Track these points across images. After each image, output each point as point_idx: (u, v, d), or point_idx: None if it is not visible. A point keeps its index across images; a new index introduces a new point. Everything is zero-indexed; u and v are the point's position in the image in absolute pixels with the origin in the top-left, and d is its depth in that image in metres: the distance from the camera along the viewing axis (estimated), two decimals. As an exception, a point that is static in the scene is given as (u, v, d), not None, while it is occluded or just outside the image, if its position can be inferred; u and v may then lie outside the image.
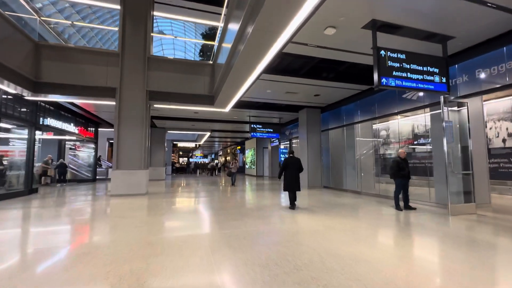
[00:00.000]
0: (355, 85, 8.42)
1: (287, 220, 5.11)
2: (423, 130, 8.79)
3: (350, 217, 5.43)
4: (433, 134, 7.06)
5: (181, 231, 4.32)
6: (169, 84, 9.71)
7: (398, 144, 9.26)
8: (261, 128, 13.73)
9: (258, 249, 3.36)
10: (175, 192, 10.25)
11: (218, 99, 9.88)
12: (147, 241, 3.72)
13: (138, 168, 8.96)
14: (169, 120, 14.83)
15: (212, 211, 6.14)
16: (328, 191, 10.26)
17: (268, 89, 8.92)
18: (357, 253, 3.18)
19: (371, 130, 9.87)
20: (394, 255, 3.18)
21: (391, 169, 6.38)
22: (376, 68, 4.66)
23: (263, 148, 22.36)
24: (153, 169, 17.19)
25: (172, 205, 7.05)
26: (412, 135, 9.55)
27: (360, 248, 3.36)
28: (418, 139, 9.36)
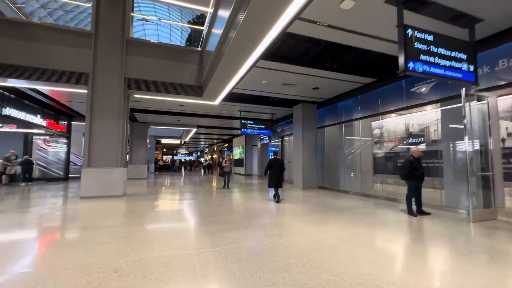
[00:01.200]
0: (359, 77, 7.72)
1: (292, 230, 4.27)
2: (430, 127, 8.25)
3: (362, 224, 4.68)
4: (444, 131, 6.48)
5: (163, 248, 3.36)
6: (152, 71, 8.58)
7: (396, 142, 8.69)
8: (252, 124, 12.83)
9: (269, 278, 2.48)
10: (157, 194, 9.15)
11: (207, 90, 8.89)
12: (114, 266, 2.74)
13: (114, 166, 7.80)
14: (151, 114, 13.58)
15: (201, 218, 5.18)
16: (325, 192, 9.57)
17: (263, 80, 8.04)
18: (405, 284, 2.39)
19: (371, 128, 9.26)
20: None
21: (403, 169, 5.71)
22: (403, 49, 3.90)
23: (252, 146, 21.47)
24: (133, 167, 15.89)
25: (153, 211, 6.01)
26: (416, 133, 9.03)
27: (403, 275, 2.58)
28: (418, 138, 8.85)
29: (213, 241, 3.64)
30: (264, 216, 5.39)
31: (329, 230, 4.27)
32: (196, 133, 22.24)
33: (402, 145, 8.17)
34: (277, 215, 5.51)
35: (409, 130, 8.07)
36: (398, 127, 8.98)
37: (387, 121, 8.60)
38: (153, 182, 13.75)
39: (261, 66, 6.88)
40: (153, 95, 9.10)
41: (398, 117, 8.51)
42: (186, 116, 13.95)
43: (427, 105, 6.81)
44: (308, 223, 4.75)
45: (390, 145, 8.67)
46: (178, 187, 11.53)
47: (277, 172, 7.27)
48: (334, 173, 10.59)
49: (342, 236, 3.94)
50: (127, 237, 3.80)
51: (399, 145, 8.17)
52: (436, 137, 7.04)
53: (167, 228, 4.42)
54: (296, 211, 5.90)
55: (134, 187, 10.94)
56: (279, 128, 14.99)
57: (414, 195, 5.62)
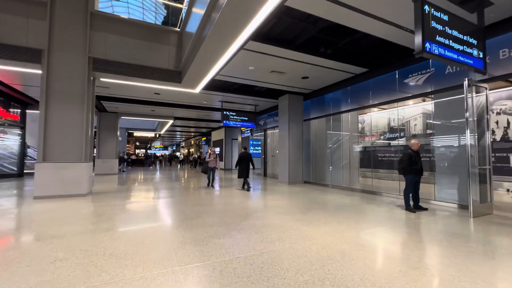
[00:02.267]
0: (351, 66, 7.31)
1: (292, 233, 3.71)
2: (416, 121, 8.15)
3: (365, 224, 4.27)
4: (437, 125, 6.31)
5: (138, 265, 2.62)
6: (122, 51, 7.48)
7: (379, 136, 8.54)
8: (234, 116, 12.08)
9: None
10: (129, 192, 8.14)
11: (187, 76, 8.00)
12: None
13: (76, 160, 6.69)
14: (122, 103, 12.24)
15: (183, 221, 4.44)
16: (312, 187, 9.20)
17: (251, 66, 7.34)
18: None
19: (357, 121, 9.04)
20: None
21: (401, 163, 5.41)
22: (420, 27, 3.44)
23: (232, 140, 20.73)
24: (102, 162, 14.43)
25: (124, 213, 5.14)
26: (411, 126, 8.92)
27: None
28: (402, 132, 8.75)
29: (201, 252, 2.96)
30: (255, 216, 4.78)
31: (333, 232, 3.78)
32: (173, 126, 20.95)
33: (386, 140, 8.03)
34: (270, 214, 4.93)
35: (395, 124, 7.91)
36: (384, 120, 8.82)
37: (375, 115, 8.40)
38: (125, 178, 12.52)
39: (249, 49, 6.17)
40: (123, 79, 7.98)
41: (385, 111, 8.32)
42: (162, 106, 12.81)
43: (420, 97, 6.59)
44: (307, 224, 4.23)
45: (376, 139, 8.51)
46: (153, 183, 10.51)
47: (245, 164, 8.33)
48: (320, 167, 10.27)
49: (350, 240, 3.46)
50: (90, 251, 2.98)
51: (385, 139, 8.02)
52: (419, 131, 6.94)
53: (142, 235, 3.64)
54: (289, 209, 5.38)
55: (103, 184, 9.76)
56: (262, 120, 14.40)
57: (412, 190, 5.35)
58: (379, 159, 8.01)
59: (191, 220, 4.44)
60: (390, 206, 5.77)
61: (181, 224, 4.19)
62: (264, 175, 14.05)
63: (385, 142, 8.11)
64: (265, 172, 14.07)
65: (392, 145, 7.74)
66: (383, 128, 8.66)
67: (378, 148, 8.11)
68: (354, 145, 8.98)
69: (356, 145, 9.03)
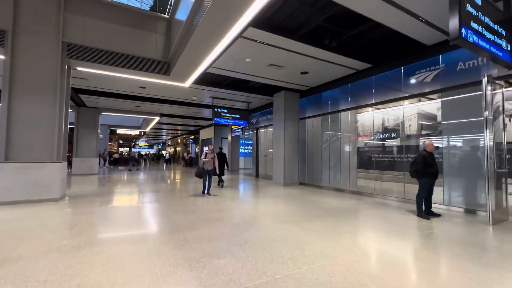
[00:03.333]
0: (355, 61, 6.86)
1: (306, 248, 3.14)
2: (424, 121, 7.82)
3: (381, 233, 3.77)
4: (445, 125, 5.95)
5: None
6: (103, 38, 6.64)
7: (381, 136, 8.18)
8: (226, 113, 11.39)
9: None
10: (110, 195, 7.30)
11: (176, 68, 7.28)
12: None
13: (46, 159, 5.82)
14: (104, 97, 11.24)
15: (173, 234, 3.77)
16: (308, 190, 8.71)
17: (247, 57, 6.71)
18: None
19: (355, 120, 8.63)
20: None
21: (414, 165, 4.98)
22: (457, 9, 2.97)
23: (222, 138, 19.98)
24: (80, 161, 13.32)
25: (102, 223, 4.38)
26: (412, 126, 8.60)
27: None
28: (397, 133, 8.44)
29: (199, 280, 2.32)
30: (257, 225, 4.17)
31: (352, 247, 3.25)
32: (159, 123, 19.90)
33: (387, 140, 7.67)
34: (273, 223, 4.34)
35: (396, 123, 7.55)
36: (383, 120, 8.46)
37: (374, 114, 8.01)
38: (107, 179, 11.52)
39: (248, 37, 5.54)
40: (104, 69, 7.13)
41: (386, 110, 7.95)
42: (147, 101, 11.90)
43: (428, 95, 6.22)
44: (319, 235, 3.67)
45: (375, 139, 8.13)
46: (137, 185, 9.65)
47: (221, 162, 8.94)
48: (316, 168, 9.81)
49: (375, 257, 2.94)
50: (50, 282, 2.26)
51: (386, 139, 7.66)
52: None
53: (122, 255, 2.94)
54: (293, 217, 4.81)
55: (81, 186, 8.81)
56: (254, 119, 13.79)
57: (426, 195, 4.93)
58: (380, 160, 7.64)
59: (183, 231, 3.77)
60: (400, 212, 5.34)
61: (171, 237, 3.51)
62: (256, 175, 13.47)
63: (387, 142, 7.78)
64: (257, 173, 13.49)
65: (394, 145, 7.38)
66: (383, 128, 8.32)
67: (378, 149, 7.75)
68: (352, 146, 8.56)
69: (354, 145, 8.61)
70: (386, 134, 7.73)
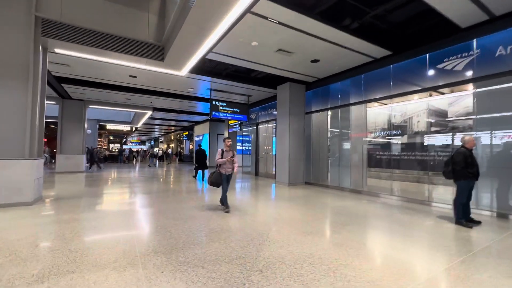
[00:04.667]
0: (374, 47, 6.11)
1: (348, 273, 2.37)
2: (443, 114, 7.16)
3: (429, 250, 3.05)
4: (480, 118, 5.28)
5: None
6: (86, 14, 5.68)
7: (396, 131, 7.50)
8: (225, 107, 10.54)
9: None
10: (95, 198, 6.40)
11: (171, 53, 6.39)
12: None
13: (16, 156, 4.88)
14: (90, 88, 10.22)
15: (169, 253, 2.94)
16: (316, 190, 7.98)
17: (254, 40, 5.87)
18: None
19: (365, 115, 7.92)
20: None
21: (449, 164, 4.29)
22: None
23: (218, 135, 19.12)
24: (65, 158, 12.26)
25: (76, 238, 3.51)
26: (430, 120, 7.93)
27: None
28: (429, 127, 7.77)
29: None
30: (274, 239, 3.39)
31: (403, 271, 2.50)
32: (151, 118, 18.84)
33: (406, 136, 7.03)
34: (292, 234, 3.56)
35: (418, 118, 6.87)
36: (402, 114, 7.78)
37: (391, 107, 7.28)
38: (94, 178, 10.54)
39: (258, 13, 4.72)
40: (88, 52, 6.17)
41: (404, 103, 7.26)
42: (139, 93, 10.91)
43: (459, 85, 5.52)
44: (356, 253, 2.91)
45: (391, 136, 7.47)
46: (128, 185, 8.72)
47: (200, 159, 10.03)
48: (322, 167, 9.10)
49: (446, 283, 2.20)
50: None
51: (405, 135, 7.00)
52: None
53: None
54: (314, 225, 4.05)
55: (63, 186, 7.85)
56: (253, 114, 12.96)
57: (465, 199, 4.24)
58: (396, 159, 6.96)
59: (183, 249, 2.96)
60: (432, 218, 4.65)
61: (168, 259, 2.69)
62: (256, 174, 12.68)
63: (406, 139, 7.15)
64: (257, 171, 12.71)
65: (414, 142, 6.72)
66: (401, 123, 7.66)
67: (395, 147, 7.08)
68: (364, 143, 7.84)
69: (365, 142, 7.90)
70: (402, 131, 7.04)
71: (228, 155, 4.94)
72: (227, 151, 4.97)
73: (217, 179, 4.88)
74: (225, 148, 4.99)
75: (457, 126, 5.84)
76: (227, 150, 4.98)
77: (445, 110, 6.09)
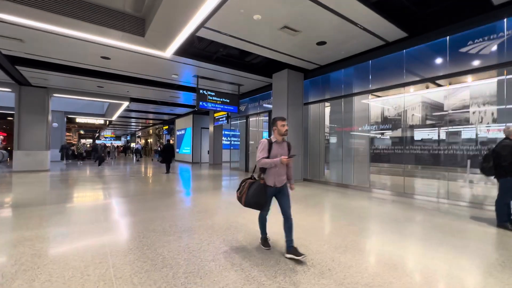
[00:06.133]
0: (391, 27, 5.39)
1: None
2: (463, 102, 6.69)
3: (496, 267, 2.39)
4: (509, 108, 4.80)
5: None
6: (39, -32, 4.38)
7: (406, 122, 6.98)
8: (214, 97, 9.47)
9: None
10: (56, 206, 5.19)
11: (154, 27, 5.29)
12: None
13: None
14: (53, 72, 8.66)
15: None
16: (318, 187, 7.29)
17: (257, 13, 4.92)
18: None
19: (368, 106, 7.32)
20: None
21: (489, 159, 3.71)
22: None
23: (202, 128, 17.91)
24: (24, 154, 10.57)
25: (29, 274, 2.44)
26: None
27: None
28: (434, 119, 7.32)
29: None
30: (313, 263, 2.55)
31: None
32: (127, 110, 17.15)
33: (421, 129, 6.50)
34: (330, 255, 2.75)
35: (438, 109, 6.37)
36: (416, 106, 7.26)
37: (401, 97, 6.69)
38: (59, 177, 9.06)
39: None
40: (44, 20, 4.86)
41: (420, 92, 6.72)
42: (113, 79, 9.52)
43: (487, 70, 4.98)
44: (425, 283, 2.16)
45: (402, 128, 6.93)
46: (102, 182, 7.46)
47: (167, 154, 11.12)
48: (322, 162, 8.44)
49: None
50: None
51: (419, 128, 6.49)
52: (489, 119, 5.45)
53: None
54: (347, 237, 3.27)
55: (16, 189, 6.45)
56: (243, 106, 12.00)
57: (511, 199, 3.68)
58: (408, 154, 6.43)
59: (185, 284, 2.02)
60: (467, 220, 4.07)
61: None
62: (246, 170, 11.80)
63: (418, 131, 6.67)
64: (247, 167, 11.82)
65: (429, 136, 6.24)
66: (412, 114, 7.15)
67: (408, 140, 6.57)
68: (365, 135, 7.24)
69: (367, 134, 7.30)
70: (396, 124, 6.51)
71: (282, 150, 2.73)
72: (279, 143, 2.74)
73: (259, 196, 2.61)
74: (277, 137, 2.73)
75: (481, 117, 5.36)
76: (279, 142, 2.75)
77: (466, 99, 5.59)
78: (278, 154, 2.68)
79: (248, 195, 2.67)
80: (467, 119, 6.12)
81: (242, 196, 2.73)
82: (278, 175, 2.69)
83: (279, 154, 2.69)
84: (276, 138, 2.74)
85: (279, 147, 2.73)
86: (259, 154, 2.68)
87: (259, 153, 2.69)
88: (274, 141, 2.73)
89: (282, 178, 2.73)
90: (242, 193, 2.73)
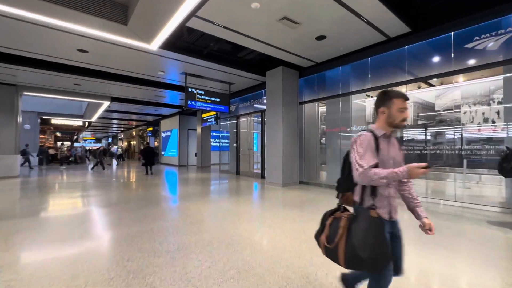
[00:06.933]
0: (395, 20, 5.11)
1: None
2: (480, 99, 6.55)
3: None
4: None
5: None
6: None
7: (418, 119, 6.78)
8: (203, 96, 8.89)
9: None
10: (22, 220, 4.46)
11: (138, 13, 4.70)
12: None
13: None
14: (22, 68, 7.76)
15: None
16: (317, 191, 6.91)
17: (254, 1, 4.46)
18: None
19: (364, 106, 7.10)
20: None
21: (510, 160, 3.45)
22: None
23: (189, 130, 17.19)
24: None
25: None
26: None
27: None
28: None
29: None
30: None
31: None
32: (108, 111, 16.09)
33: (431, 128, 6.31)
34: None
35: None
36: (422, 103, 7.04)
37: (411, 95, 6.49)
38: (31, 184, 8.11)
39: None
40: (6, 3, 4.14)
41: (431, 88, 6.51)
42: (92, 76, 8.70)
43: (494, 67, 4.80)
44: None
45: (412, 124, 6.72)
46: (80, 193, 6.67)
47: (148, 156, 11.48)
48: (318, 164, 8.11)
49: None
50: None
51: (431, 126, 6.28)
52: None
53: None
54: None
55: (-24, 200, 5.57)
56: (233, 105, 11.49)
57: (533, 202, 3.44)
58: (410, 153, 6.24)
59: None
60: (483, 224, 3.80)
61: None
62: (237, 173, 11.27)
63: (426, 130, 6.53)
64: (238, 170, 11.30)
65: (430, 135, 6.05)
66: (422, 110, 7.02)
67: (413, 138, 6.41)
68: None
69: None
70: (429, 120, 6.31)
71: (395, 152, 1.54)
72: (387, 138, 1.53)
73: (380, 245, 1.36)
74: (384, 127, 1.53)
75: (486, 118, 5.19)
76: (387, 136, 1.53)
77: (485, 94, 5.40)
78: (390, 158, 1.49)
79: (354, 246, 1.37)
80: (458, 119, 5.98)
81: (337, 247, 1.45)
82: (392, 198, 1.52)
83: (391, 158, 1.49)
84: (383, 129, 1.52)
85: (388, 145, 1.52)
86: (361, 160, 1.42)
87: (359, 157, 1.43)
88: (380, 135, 1.50)
89: (395, 203, 1.55)
90: (338, 242, 1.45)
